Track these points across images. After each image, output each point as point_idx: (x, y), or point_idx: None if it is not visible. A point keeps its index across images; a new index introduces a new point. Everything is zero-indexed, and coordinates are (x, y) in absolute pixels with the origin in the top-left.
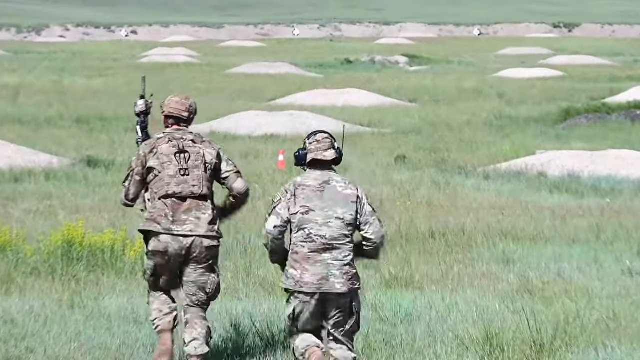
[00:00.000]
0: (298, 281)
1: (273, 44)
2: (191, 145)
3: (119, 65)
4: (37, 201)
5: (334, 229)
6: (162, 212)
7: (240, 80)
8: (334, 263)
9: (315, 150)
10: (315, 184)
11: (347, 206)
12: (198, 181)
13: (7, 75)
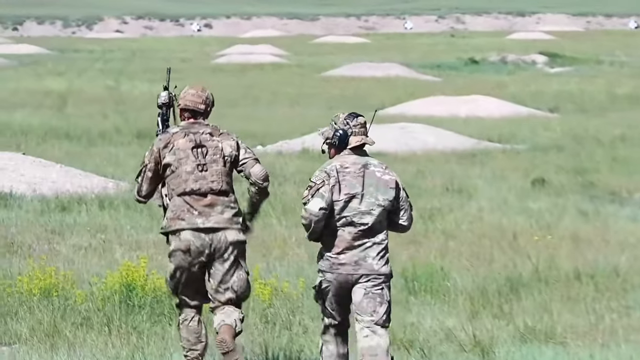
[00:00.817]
0: (334, 263)
1: (380, 40)
2: (209, 139)
3: (190, 67)
4: (89, 235)
5: (374, 216)
6: (184, 208)
7: (339, 84)
8: (371, 246)
9: (359, 134)
10: (355, 169)
11: (387, 192)
12: (217, 176)
13: (51, 80)
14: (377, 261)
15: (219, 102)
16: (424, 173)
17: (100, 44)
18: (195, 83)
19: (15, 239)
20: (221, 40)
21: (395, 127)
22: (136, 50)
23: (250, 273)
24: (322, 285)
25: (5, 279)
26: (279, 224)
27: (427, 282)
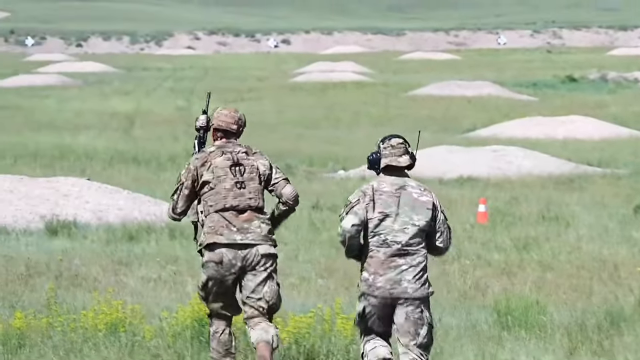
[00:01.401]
0: (371, 285)
1: (471, 56)
2: (245, 157)
3: (266, 86)
4: (158, 266)
5: (409, 235)
6: (223, 224)
7: (427, 104)
8: (407, 269)
9: (390, 156)
10: (392, 189)
11: (423, 213)
12: (254, 194)
13: (118, 100)
14: (412, 284)
15: (297, 123)
16: (518, 199)
17: (170, 61)
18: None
19: (80, 270)
20: (300, 57)
21: (487, 150)
22: (209, 68)
23: (281, 286)
24: (366, 310)
25: (69, 313)
26: None
27: (522, 317)
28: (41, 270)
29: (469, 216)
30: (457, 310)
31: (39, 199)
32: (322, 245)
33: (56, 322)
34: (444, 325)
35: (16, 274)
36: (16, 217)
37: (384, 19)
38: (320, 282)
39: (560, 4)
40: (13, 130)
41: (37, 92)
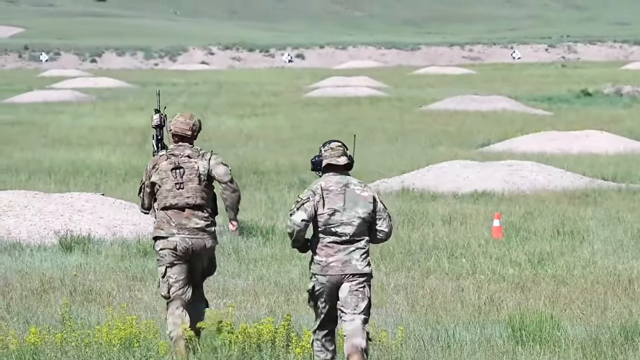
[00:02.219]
0: (324, 267)
1: (485, 71)
2: (186, 160)
3: (281, 101)
4: None
5: (355, 226)
6: (165, 222)
7: (442, 119)
8: (354, 250)
9: (330, 157)
10: (337, 188)
11: (366, 206)
12: (192, 193)
13: (132, 115)
14: (360, 262)
15: (312, 138)
16: (533, 214)
17: (184, 77)
18: (286, 118)
19: (94, 286)
20: (314, 72)
21: (502, 165)
22: (223, 82)
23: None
24: (315, 288)
25: (84, 328)
26: (377, 269)
27: (536, 331)
28: (55, 286)
29: (484, 231)
30: (471, 325)
31: (54, 214)
32: None
33: (70, 337)
34: (458, 340)
35: (30, 289)
36: (31, 233)
37: (398, 34)
38: None
39: (574, 19)
40: (27, 146)
41: (51, 107)
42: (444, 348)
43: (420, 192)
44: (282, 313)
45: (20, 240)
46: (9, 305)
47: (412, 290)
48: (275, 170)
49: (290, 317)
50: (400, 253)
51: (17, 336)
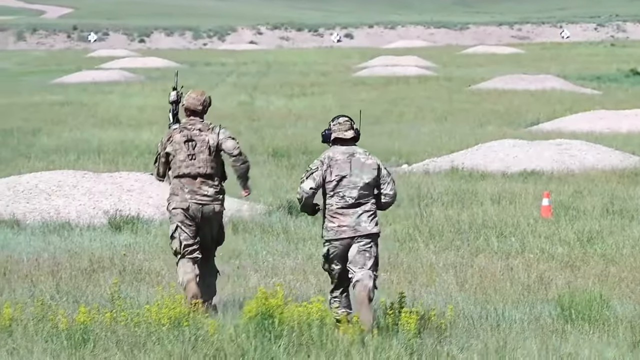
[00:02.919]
0: (337, 231)
1: (534, 50)
2: (198, 134)
3: (329, 81)
4: (221, 261)
5: (360, 191)
6: (178, 189)
7: (491, 98)
8: (362, 213)
9: (337, 131)
10: (344, 157)
11: (370, 172)
12: (203, 163)
13: None
14: (368, 224)
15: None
16: (582, 193)
17: (233, 56)
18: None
19: (143, 265)
20: (363, 51)
21: (551, 144)
22: (272, 62)
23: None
24: (330, 252)
25: (133, 308)
26: (426, 248)
27: (585, 310)
28: (105, 265)
29: (533, 210)
30: (520, 304)
31: (103, 194)
32: (385, 240)
33: (120, 316)
34: (507, 319)
35: (80, 269)
36: (80, 213)
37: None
38: (383, 276)
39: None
40: (76, 126)
41: (100, 87)
42: (493, 327)
43: (470, 171)
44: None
45: (69, 220)
46: (58, 285)
47: (462, 269)
48: (324, 149)
49: None
50: (450, 232)
51: (67, 316)
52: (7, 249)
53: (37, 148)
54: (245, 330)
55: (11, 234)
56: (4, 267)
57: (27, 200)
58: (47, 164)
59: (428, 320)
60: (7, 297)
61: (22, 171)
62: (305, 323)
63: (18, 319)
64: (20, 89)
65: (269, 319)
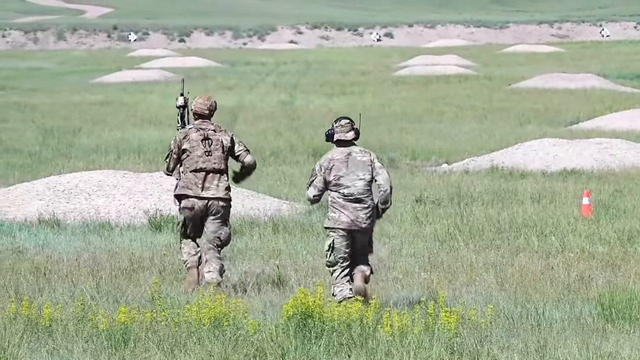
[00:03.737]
0: (336, 221)
1: (574, 49)
2: (212, 133)
3: (369, 80)
4: (261, 261)
5: (358, 188)
6: (192, 182)
7: (531, 97)
8: (361, 209)
9: (340, 132)
10: (342, 157)
11: (365, 169)
12: (218, 160)
13: (221, 94)
14: (365, 221)
15: (400, 117)
16: (622, 192)
17: (273, 56)
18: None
19: (183, 265)
20: (403, 50)
21: (591, 142)
22: (312, 62)
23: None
24: (335, 242)
25: (173, 308)
26: (466, 247)
27: (626, 309)
28: (145, 265)
29: (573, 209)
30: (561, 303)
31: (143, 194)
32: (426, 239)
33: (160, 316)
34: (547, 318)
35: (120, 268)
36: (120, 212)
37: (487, 12)
38: (423, 275)
39: None
40: (116, 125)
41: (140, 87)
42: (533, 326)
43: (510, 170)
44: (371, 292)
45: (109, 220)
46: (98, 285)
47: (502, 268)
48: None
49: (379, 296)
50: (490, 231)
51: (107, 316)
52: (47, 249)
53: (77, 148)
54: (285, 329)
55: (51, 233)
56: (45, 267)
57: (67, 200)
58: (87, 164)
59: (468, 320)
60: (47, 297)
61: (63, 171)
62: (345, 323)
63: (58, 319)
64: (61, 89)
65: (309, 319)
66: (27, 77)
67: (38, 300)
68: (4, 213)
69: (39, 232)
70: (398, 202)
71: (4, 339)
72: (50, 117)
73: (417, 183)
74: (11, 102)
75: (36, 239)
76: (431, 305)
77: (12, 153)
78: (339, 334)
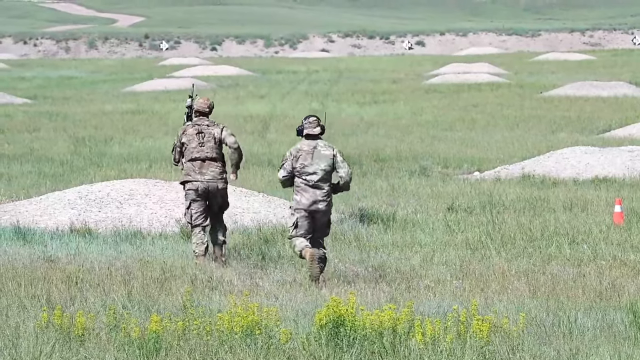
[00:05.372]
0: (299, 203)
1: (606, 57)
2: (206, 128)
3: (401, 88)
4: (293, 269)
5: (319, 176)
6: (191, 170)
7: (563, 105)
8: (319, 194)
9: (308, 128)
10: (308, 149)
11: (327, 161)
12: (210, 150)
13: (253, 103)
14: (322, 204)
15: (432, 125)
16: None
17: (304, 64)
18: (406, 105)
19: (215, 274)
20: (435, 58)
21: (623, 150)
22: (343, 70)
23: None
24: (298, 219)
25: (205, 316)
26: (498, 255)
27: None
28: (177, 274)
29: (605, 217)
30: (592, 311)
31: (174, 202)
32: (458, 247)
33: (192, 325)
34: (579, 326)
35: (152, 277)
36: (152, 221)
37: (519, 20)
38: (455, 283)
39: None
40: (148, 134)
41: (171, 96)
42: (565, 334)
43: (541, 178)
44: (404, 300)
45: (141, 229)
46: (130, 294)
47: (534, 276)
48: (396, 157)
49: (412, 304)
50: (522, 239)
51: (139, 324)
52: (79, 258)
53: (109, 157)
54: (317, 338)
55: (83, 242)
56: (76, 275)
57: (99, 208)
58: (118, 173)
59: (500, 328)
60: (79, 306)
61: (94, 180)
62: (377, 331)
63: (90, 328)
64: (93, 98)
65: (341, 327)
66: (58, 86)
67: (70, 309)
68: (36, 222)
69: (70, 241)
70: (430, 210)
71: (36, 348)
72: (82, 126)
73: (449, 191)
74: (43, 111)
75: (68, 247)
76: (463, 313)
77: (44, 162)
78: (371, 343)
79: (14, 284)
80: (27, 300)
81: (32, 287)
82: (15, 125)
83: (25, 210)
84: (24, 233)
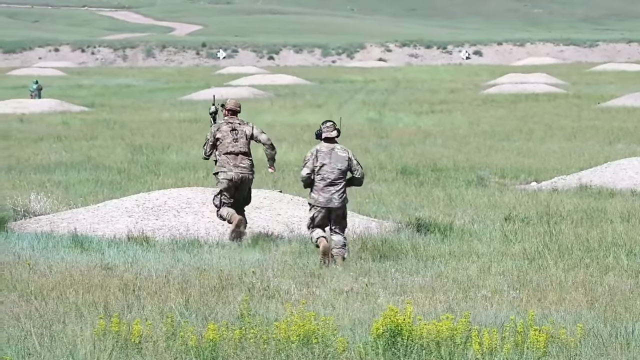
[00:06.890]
0: (316, 199)
1: None
2: (238, 125)
3: (458, 98)
4: (350, 278)
5: (335, 175)
6: (226, 162)
7: (620, 116)
8: (335, 192)
9: (325, 131)
10: (327, 150)
11: (344, 162)
12: (243, 144)
13: (310, 112)
14: (338, 200)
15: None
16: None
17: (362, 74)
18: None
19: (272, 282)
20: (492, 69)
21: None
22: (400, 79)
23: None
24: (315, 215)
25: (262, 325)
26: (555, 266)
27: None
28: (234, 283)
29: None
30: None
31: None
32: (515, 257)
33: (249, 333)
34: (637, 337)
35: (209, 286)
36: (209, 230)
37: (577, 30)
38: (512, 294)
39: None
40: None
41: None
42: (623, 346)
43: (599, 189)
44: (461, 310)
45: (198, 237)
46: (187, 302)
47: (591, 287)
48: (453, 167)
49: (469, 314)
50: (579, 250)
51: (196, 333)
52: (136, 266)
53: (166, 165)
54: (374, 347)
55: (140, 250)
56: (134, 283)
57: (156, 217)
58: (175, 181)
59: (557, 339)
60: (136, 313)
61: (151, 188)
62: (435, 341)
63: (148, 335)
64: (150, 106)
65: (398, 337)
66: (116, 94)
67: (127, 316)
68: (93, 230)
69: (128, 248)
70: (487, 220)
71: (94, 356)
72: (139, 134)
73: (506, 201)
74: (101, 119)
75: (125, 255)
76: (520, 323)
77: (101, 170)
78: (428, 352)
79: (72, 291)
80: (84, 307)
81: (89, 295)
82: (73, 133)
83: (83, 218)
84: (82, 241)
